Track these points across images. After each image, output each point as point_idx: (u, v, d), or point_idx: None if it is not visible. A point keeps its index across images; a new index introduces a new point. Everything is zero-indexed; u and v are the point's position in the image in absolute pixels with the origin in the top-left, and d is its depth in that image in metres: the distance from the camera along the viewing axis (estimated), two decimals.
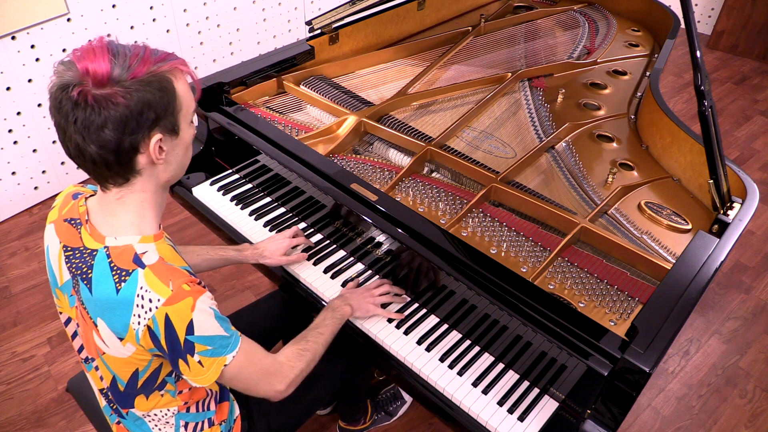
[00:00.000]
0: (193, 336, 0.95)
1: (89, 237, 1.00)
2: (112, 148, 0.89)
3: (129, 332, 0.96)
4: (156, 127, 0.92)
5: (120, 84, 0.87)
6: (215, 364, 0.99)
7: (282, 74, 1.92)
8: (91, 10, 2.64)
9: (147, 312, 0.93)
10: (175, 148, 0.98)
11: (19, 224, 2.78)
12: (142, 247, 0.98)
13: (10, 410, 2.02)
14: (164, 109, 0.91)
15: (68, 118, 0.87)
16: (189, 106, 0.98)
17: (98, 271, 0.97)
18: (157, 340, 0.95)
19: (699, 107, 1.34)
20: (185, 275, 0.98)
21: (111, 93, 0.86)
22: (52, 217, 1.09)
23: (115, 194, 0.98)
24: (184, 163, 1.04)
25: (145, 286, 0.94)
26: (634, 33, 2.46)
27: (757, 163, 3.31)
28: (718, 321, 2.41)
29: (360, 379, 1.76)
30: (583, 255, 1.39)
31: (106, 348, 1.01)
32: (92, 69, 0.86)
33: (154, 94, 0.89)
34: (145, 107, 0.88)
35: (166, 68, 0.92)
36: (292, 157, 1.56)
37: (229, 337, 1.01)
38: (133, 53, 0.90)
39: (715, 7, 4.44)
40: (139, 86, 0.88)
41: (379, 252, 1.46)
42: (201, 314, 0.96)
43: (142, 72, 0.89)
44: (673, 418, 2.06)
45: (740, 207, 1.45)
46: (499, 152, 1.70)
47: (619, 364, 1.09)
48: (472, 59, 2.15)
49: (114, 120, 0.87)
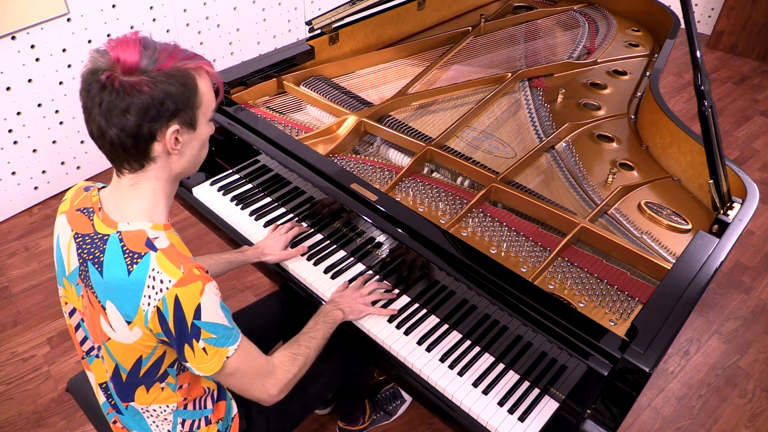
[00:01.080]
0: (200, 321, 0.98)
1: (101, 223, 1.03)
2: (132, 132, 0.93)
3: (138, 314, 0.98)
4: (175, 118, 0.96)
5: (146, 74, 0.92)
6: (218, 355, 1.02)
7: (282, 74, 1.92)
8: (91, 10, 2.64)
9: (158, 293, 0.96)
10: (191, 141, 1.02)
11: (19, 224, 2.78)
12: (154, 233, 1.01)
13: (10, 410, 2.02)
14: (184, 103, 0.96)
15: (94, 101, 0.92)
16: (209, 104, 1.02)
17: (110, 254, 0.99)
18: (165, 323, 0.97)
19: (699, 107, 1.34)
20: (194, 262, 1.01)
21: (137, 81, 0.91)
22: (64, 208, 1.11)
23: (129, 180, 1.01)
24: (198, 158, 1.07)
25: (157, 268, 0.97)
26: (634, 33, 2.46)
27: (757, 163, 3.31)
28: (718, 321, 2.41)
29: (359, 379, 1.76)
30: (583, 255, 1.39)
31: (113, 333, 1.03)
32: (123, 57, 0.91)
33: (176, 87, 0.94)
34: (166, 98, 0.93)
35: (192, 66, 0.97)
36: (292, 157, 1.56)
37: (232, 329, 1.04)
38: (163, 48, 0.95)
39: (715, 7, 4.44)
40: (164, 78, 0.93)
41: (379, 252, 1.46)
42: (208, 299, 0.99)
43: (168, 66, 0.94)
44: (673, 418, 2.06)
45: (740, 207, 1.45)
46: (499, 152, 1.70)
47: (619, 364, 1.09)
48: (472, 59, 2.15)
49: (137, 106, 0.91)
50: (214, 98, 1.04)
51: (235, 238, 1.62)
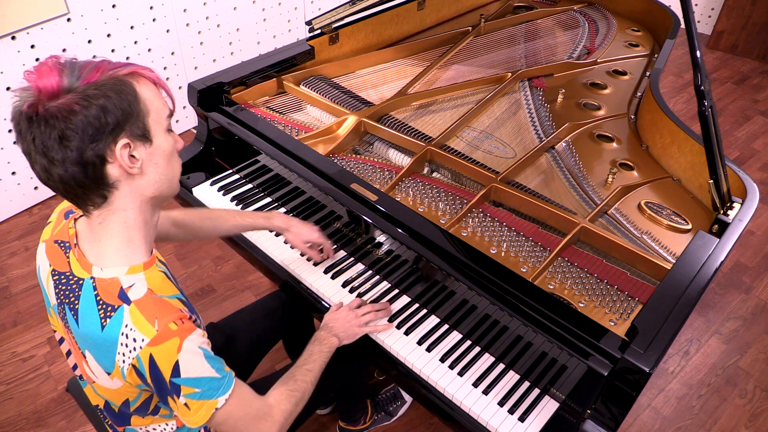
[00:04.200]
0: (179, 378, 0.91)
1: (77, 263, 0.97)
2: (76, 161, 0.84)
3: (115, 369, 0.93)
4: (121, 132, 0.86)
5: (73, 91, 0.83)
6: (204, 407, 0.95)
7: (282, 74, 1.92)
8: (91, 10, 2.64)
9: (131, 351, 0.90)
10: (152, 156, 0.91)
11: (19, 224, 2.78)
12: (129, 280, 0.94)
13: (10, 410, 2.02)
14: (126, 113, 0.86)
15: (27, 140, 0.84)
16: (159, 110, 0.91)
17: (84, 303, 0.94)
18: (143, 378, 0.93)
19: (699, 107, 1.34)
20: (174, 310, 0.93)
21: (64, 102, 0.82)
22: (45, 236, 1.06)
23: (97, 218, 0.93)
24: (169, 175, 0.96)
25: (130, 324, 0.90)
26: (634, 33, 2.46)
27: (757, 163, 3.31)
28: (718, 321, 2.41)
29: (360, 379, 1.76)
30: (583, 255, 1.39)
31: (95, 378, 1.00)
32: (42, 84, 0.82)
33: (110, 97, 0.84)
34: (102, 111, 0.83)
35: (125, 72, 0.87)
36: (292, 157, 1.56)
37: (221, 379, 0.96)
38: (86, 63, 0.86)
39: (715, 7, 4.44)
40: (94, 90, 0.83)
41: (379, 252, 1.46)
42: (188, 355, 0.91)
43: (95, 77, 0.84)
44: (673, 418, 2.06)
45: (740, 207, 1.45)
46: (499, 152, 1.70)
47: (619, 364, 1.09)
48: (472, 59, 2.15)
49: (71, 130, 0.82)
50: (165, 103, 0.93)
51: (235, 238, 1.62)
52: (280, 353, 2.01)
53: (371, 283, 1.48)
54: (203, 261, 2.59)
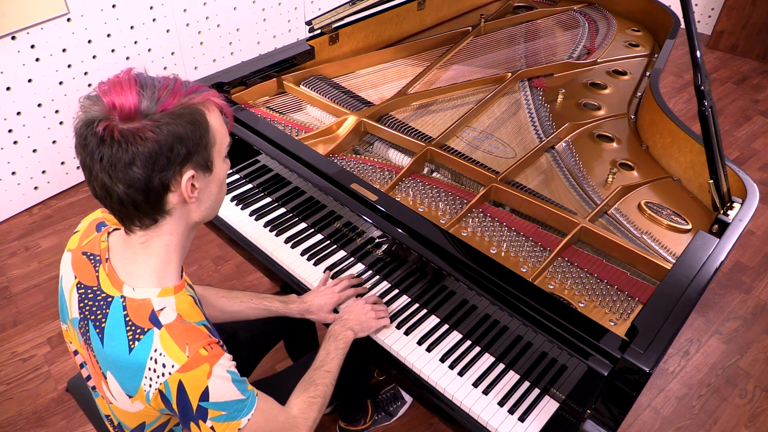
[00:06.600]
0: (207, 402, 0.90)
1: (107, 279, 0.94)
2: (141, 187, 0.83)
3: (139, 392, 0.91)
4: (188, 163, 0.86)
5: (149, 117, 0.81)
6: (228, 429, 0.92)
7: (282, 74, 1.92)
8: (91, 10, 2.64)
9: (159, 377, 0.88)
10: (208, 185, 0.92)
11: (19, 224, 2.78)
12: (161, 303, 0.92)
13: (10, 410, 2.02)
14: (196, 144, 0.86)
15: (94, 156, 0.82)
16: (222, 140, 0.92)
17: (112, 322, 0.91)
18: (168, 403, 0.91)
19: (699, 107, 1.34)
20: (203, 336, 0.92)
21: (139, 127, 0.81)
22: (72, 245, 1.03)
23: (140, 237, 0.92)
24: (218, 201, 0.97)
25: (159, 349, 0.88)
26: (634, 33, 2.46)
27: (757, 163, 3.31)
28: (718, 321, 2.41)
29: (360, 379, 1.76)
30: (583, 255, 1.39)
31: (114, 400, 0.96)
32: (119, 102, 0.81)
33: (185, 128, 0.83)
34: (176, 142, 0.83)
35: (198, 100, 0.87)
36: (292, 157, 1.56)
37: (245, 400, 0.95)
38: (163, 85, 0.85)
39: (715, 7, 4.44)
40: (170, 119, 0.82)
41: (379, 252, 1.46)
42: (217, 380, 0.90)
43: (172, 104, 0.83)
44: (673, 418, 2.06)
45: (740, 207, 1.45)
46: (499, 152, 1.70)
47: (619, 364, 1.09)
48: (472, 59, 2.15)
49: (143, 156, 0.81)
50: (227, 131, 0.93)
51: (236, 238, 1.62)
52: (280, 353, 2.01)
53: (371, 283, 1.49)
54: (203, 261, 2.60)
